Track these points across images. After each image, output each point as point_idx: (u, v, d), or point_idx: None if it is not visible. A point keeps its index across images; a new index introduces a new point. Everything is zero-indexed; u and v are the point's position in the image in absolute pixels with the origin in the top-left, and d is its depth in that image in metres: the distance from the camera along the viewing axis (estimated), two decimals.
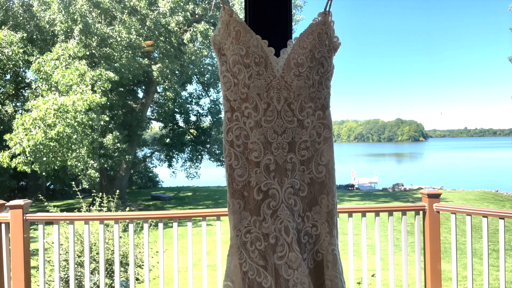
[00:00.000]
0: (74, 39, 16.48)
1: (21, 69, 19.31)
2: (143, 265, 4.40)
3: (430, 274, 3.86)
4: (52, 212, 4.82)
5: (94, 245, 4.38)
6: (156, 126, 27.56)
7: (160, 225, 3.64)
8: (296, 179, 1.35)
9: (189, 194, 24.95)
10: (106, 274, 4.43)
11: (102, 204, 4.81)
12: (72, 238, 3.51)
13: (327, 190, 1.37)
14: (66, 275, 4.10)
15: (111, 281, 4.41)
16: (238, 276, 1.27)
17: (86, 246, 3.51)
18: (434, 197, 3.88)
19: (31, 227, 4.17)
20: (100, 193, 5.07)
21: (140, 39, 18.44)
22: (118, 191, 5.20)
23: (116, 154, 19.39)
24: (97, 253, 4.36)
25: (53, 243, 3.71)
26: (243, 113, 1.33)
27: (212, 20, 21.18)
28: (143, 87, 22.75)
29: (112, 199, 4.85)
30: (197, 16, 20.78)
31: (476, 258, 8.45)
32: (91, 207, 5.36)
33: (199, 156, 23.76)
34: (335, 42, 1.40)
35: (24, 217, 3.47)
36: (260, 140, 1.32)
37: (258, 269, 1.26)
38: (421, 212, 3.92)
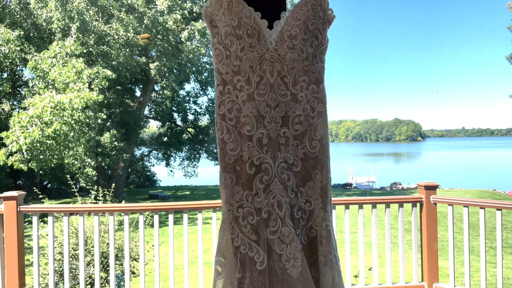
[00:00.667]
0: (71, 37, 16.41)
1: (18, 67, 19.23)
2: (138, 258, 4.38)
3: (427, 266, 3.85)
4: (46, 204, 4.79)
5: (89, 238, 4.35)
6: (154, 126, 27.51)
7: (156, 216, 3.62)
8: (290, 154, 1.32)
9: (187, 193, 24.91)
10: (101, 268, 4.40)
11: (98, 198, 4.78)
12: (66, 229, 3.48)
13: (321, 165, 1.34)
14: (61, 268, 4.07)
15: (106, 274, 4.38)
16: (230, 251, 1.24)
17: (81, 238, 3.48)
18: (431, 189, 3.86)
19: (25, 222, 4.13)
20: (96, 186, 5.03)
21: (138, 37, 18.38)
22: (114, 184, 5.14)
23: (113, 153, 19.34)
24: (92, 247, 4.33)
25: (47, 235, 3.68)
26: (235, 86, 1.30)
27: None
28: (141, 86, 22.71)
29: (108, 193, 4.82)
30: (194, 14, 20.75)
31: (474, 255, 8.45)
32: (87, 202, 5.31)
33: (197, 155, 23.73)
34: (330, 14, 1.37)
35: (18, 209, 3.43)
36: (253, 113, 1.30)
37: (250, 244, 1.23)
38: (418, 204, 3.90)
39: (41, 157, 14.27)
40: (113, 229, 3.48)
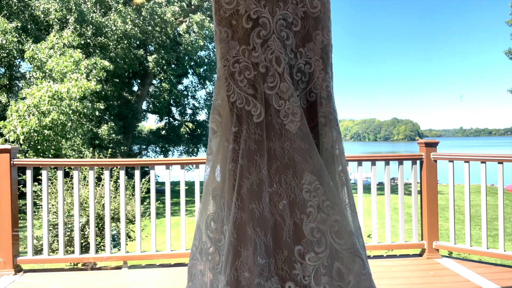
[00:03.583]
0: (69, 28, 16.33)
1: (16, 59, 19.12)
2: (134, 220, 4.32)
3: (427, 225, 3.79)
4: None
5: (85, 200, 4.28)
6: (152, 125, 27.39)
7: (152, 172, 3.58)
8: (289, 12, 1.25)
9: (185, 187, 24.79)
10: (97, 232, 4.35)
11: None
12: (61, 183, 3.41)
13: (321, 25, 1.27)
14: (56, 223, 4.00)
15: (101, 238, 4.32)
16: (225, 109, 1.18)
17: (76, 193, 3.41)
18: (432, 146, 3.81)
19: (20, 185, 4.06)
20: (91, 149, 4.97)
21: (136, 29, 18.32)
22: (110, 150, 5.07)
23: (111, 145, 19.24)
24: (88, 207, 4.27)
25: (41, 190, 3.62)
26: None
27: (208, 12, 21.09)
28: (139, 80, 22.62)
29: (103, 156, 4.76)
30: (193, 7, 20.68)
31: (473, 242, 8.42)
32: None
33: (195, 149, 23.66)
34: None
35: (12, 162, 3.37)
36: None
37: (246, 98, 1.16)
38: (418, 162, 3.85)
39: (38, 147, 14.17)
40: (108, 182, 3.41)
